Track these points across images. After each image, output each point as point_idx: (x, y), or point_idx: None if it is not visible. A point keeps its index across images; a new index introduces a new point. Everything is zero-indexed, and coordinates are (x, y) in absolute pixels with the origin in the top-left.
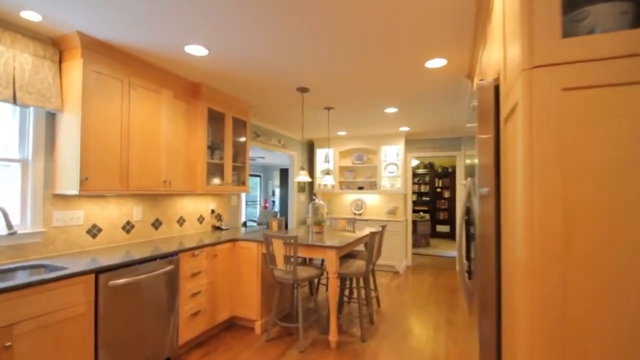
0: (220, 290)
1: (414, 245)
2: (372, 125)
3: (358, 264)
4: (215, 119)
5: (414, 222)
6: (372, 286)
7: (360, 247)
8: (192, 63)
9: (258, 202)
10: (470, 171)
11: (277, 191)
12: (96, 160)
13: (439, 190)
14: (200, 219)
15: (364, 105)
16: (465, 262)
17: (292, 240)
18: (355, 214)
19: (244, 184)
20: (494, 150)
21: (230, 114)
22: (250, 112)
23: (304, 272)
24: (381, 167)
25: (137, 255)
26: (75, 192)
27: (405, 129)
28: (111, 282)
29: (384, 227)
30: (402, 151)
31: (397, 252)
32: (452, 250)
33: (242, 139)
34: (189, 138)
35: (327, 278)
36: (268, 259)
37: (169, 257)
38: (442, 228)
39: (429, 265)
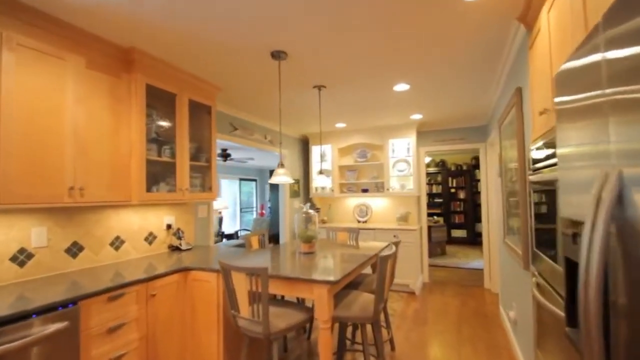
0: (163, 347)
1: (429, 255)
2: (377, 113)
3: (363, 301)
4: (162, 102)
5: (428, 228)
6: (383, 321)
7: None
8: (103, 8)
9: (255, 209)
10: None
11: (270, 197)
12: None
13: (453, 190)
14: (150, 239)
15: (365, 80)
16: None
17: (259, 273)
18: (359, 221)
19: (210, 189)
20: None
21: (185, 95)
22: (217, 95)
23: (281, 321)
24: (389, 165)
25: (37, 300)
26: None
27: (417, 116)
28: None
29: (397, 244)
30: (414, 145)
31: (411, 267)
32: (473, 260)
33: (207, 130)
34: (119, 126)
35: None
36: (228, 300)
37: (59, 308)
38: (458, 233)
39: (450, 281)
